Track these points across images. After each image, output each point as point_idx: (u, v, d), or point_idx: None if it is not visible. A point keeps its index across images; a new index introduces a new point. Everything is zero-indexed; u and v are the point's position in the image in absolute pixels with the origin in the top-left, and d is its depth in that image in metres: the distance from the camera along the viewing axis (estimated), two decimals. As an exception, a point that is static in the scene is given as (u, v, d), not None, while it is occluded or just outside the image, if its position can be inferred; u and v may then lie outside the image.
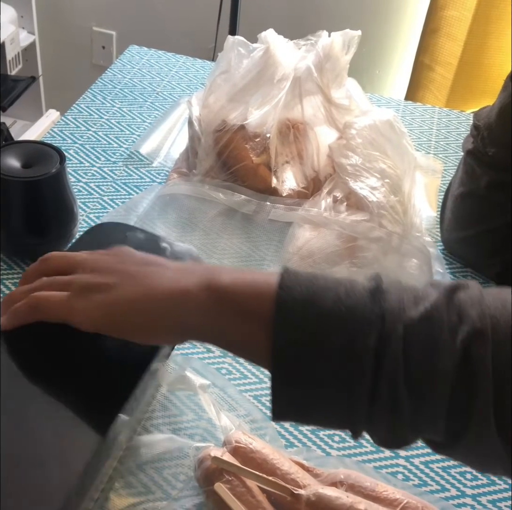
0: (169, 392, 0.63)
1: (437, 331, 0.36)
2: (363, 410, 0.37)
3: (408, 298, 0.38)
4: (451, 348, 0.36)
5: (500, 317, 0.37)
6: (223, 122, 0.85)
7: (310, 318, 0.37)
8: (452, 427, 0.37)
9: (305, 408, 0.39)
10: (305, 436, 0.61)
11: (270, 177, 0.85)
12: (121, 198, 0.87)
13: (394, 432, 0.38)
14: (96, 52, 2.24)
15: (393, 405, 0.36)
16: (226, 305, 0.41)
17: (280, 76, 0.85)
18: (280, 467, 0.53)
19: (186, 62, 1.22)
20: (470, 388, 0.36)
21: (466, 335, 0.36)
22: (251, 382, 0.65)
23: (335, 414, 0.39)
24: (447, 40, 1.77)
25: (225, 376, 0.65)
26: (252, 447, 0.53)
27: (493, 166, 0.71)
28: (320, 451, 0.60)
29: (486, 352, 0.35)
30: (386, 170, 0.83)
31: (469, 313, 0.37)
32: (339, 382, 0.37)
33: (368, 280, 0.39)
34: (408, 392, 0.36)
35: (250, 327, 0.40)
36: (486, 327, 0.36)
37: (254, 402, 0.63)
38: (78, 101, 1.06)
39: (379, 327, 0.36)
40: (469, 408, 0.36)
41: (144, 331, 0.45)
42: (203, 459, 0.53)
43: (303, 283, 0.39)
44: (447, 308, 0.37)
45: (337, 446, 0.61)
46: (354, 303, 0.37)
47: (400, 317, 0.37)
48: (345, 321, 0.37)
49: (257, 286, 0.40)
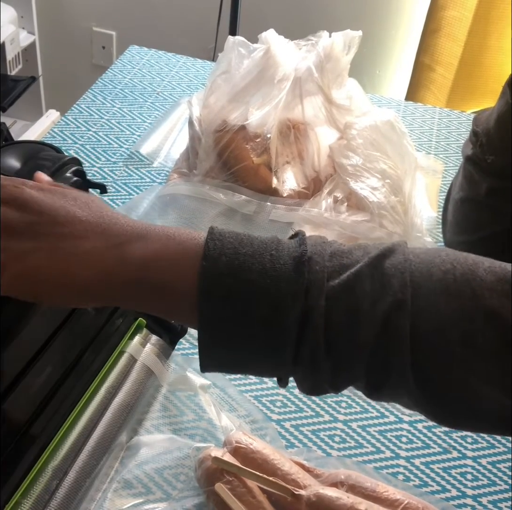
0: (170, 392, 0.63)
1: (359, 302, 0.37)
2: (287, 369, 0.39)
3: (334, 265, 0.39)
4: (372, 318, 0.37)
5: (424, 283, 0.38)
6: (223, 122, 0.85)
7: (234, 292, 0.38)
8: (371, 384, 0.39)
9: (232, 366, 0.41)
10: (305, 437, 0.61)
11: (271, 177, 0.85)
12: (121, 198, 0.87)
13: (315, 387, 0.40)
14: (96, 52, 2.24)
15: (313, 368, 0.38)
16: (145, 283, 0.40)
17: (281, 76, 0.85)
18: (280, 467, 0.53)
19: (187, 62, 1.22)
20: (387, 352, 0.37)
21: (387, 306, 0.37)
22: (251, 382, 0.65)
23: (260, 371, 0.41)
24: (447, 40, 1.77)
25: (225, 376, 0.65)
26: (252, 447, 0.53)
27: (492, 173, 0.71)
28: (321, 452, 0.60)
29: (405, 322, 0.37)
30: (387, 170, 0.82)
31: (391, 283, 0.38)
32: (263, 351, 0.39)
33: (294, 244, 0.40)
34: (328, 359, 0.38)
35: (173, 303, 0.40)
36: (406, 297, 0.37)
37: (255, 403, 0.63)
38: (78, 101, 1.06)
39: (302, 301, 0.37)
40: (386, 370, 0.38)
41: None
42: (203, 460, 0.53)
43: (228, 253, 0.39)
44: (371, 278, 0.38)
45: (337, 447, 0.61)
46: (278, 274, 0.38)
47: (323, 288, 0.38)
48: (270, 295, 0.38)
49: (180, 259, 0.40)
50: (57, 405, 0.53)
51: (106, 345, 0.59)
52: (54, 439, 0.52)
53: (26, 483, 0.49)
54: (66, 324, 0.57)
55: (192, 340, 0.69)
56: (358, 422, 0.63)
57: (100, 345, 0.59)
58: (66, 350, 0.56)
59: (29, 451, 0.50)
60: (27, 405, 0.51)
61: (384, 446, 0.61)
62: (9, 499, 0.48)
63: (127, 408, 0.58)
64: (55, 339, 0.56)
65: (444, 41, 1.78)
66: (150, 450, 0.58)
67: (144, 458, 0.57)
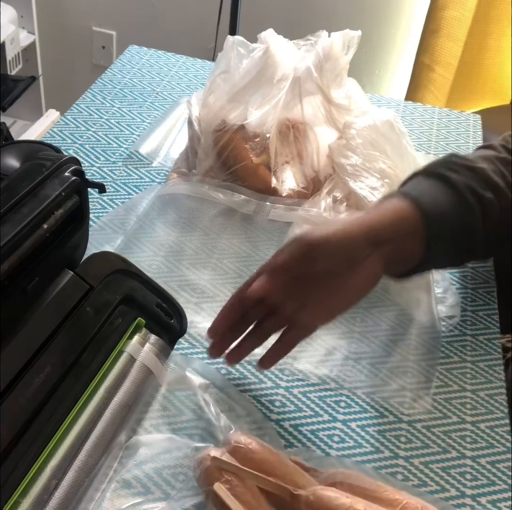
0: (169, 392, 0.63)
1: None
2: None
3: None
4: None
5: None
6: (222, 122, 0.85)
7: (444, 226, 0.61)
8: None
9: None
10: (304, 436, 0.61)
11: (270, 177, 0.85)
12: (120, 198, 0.87)
13: None
14: (96, 52, 2.24)
15: None
16: None
17: (280, 76, 0.85)
18: (279, 467, 0.53)
19: (186, 62, 1.22)
20: None
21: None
22: (250, 382, 0.65)
23: None
24: (447, 40, 1.77)
25: (225, 376, 0.65)
26: (251, 447, 0.53)
27: None
28: (320, 452, 0.60)
29: None
30: (386, 170, 0.83)
31: None
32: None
33: None
34: None
35: None
36: None
37: (254, 403, 0.63)
38: (78, 101, 1.06)
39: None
40: None
41: None
42: (202, 459, 0.53)
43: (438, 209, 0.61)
44: None
45: (336, 447, 0.61)
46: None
47: None
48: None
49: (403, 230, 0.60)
50: (56, 405, 0.53)
51: (105, 345, 0.59)
52: (53, 439, 0.52)
53: (25, 482, 0.49)
54: (65, 324, 0.57)
55: (191, 340, 0.69)
56: (357, 422, 0.63)
57: (99, 345, 0.59)
58: (65, 350, 0.56)
59: (28, 450, 0.50)
60: (26, 404, 0.51)
61: (383, 446, 0.61)
62: (8, 499, 0.48)
63: (126, 408, 0.58)
64: (54, 339, 0.56)
65: (444, 41, 1.78)
66: (149, 450, 0.58)
67: (143, 458, 0.57)
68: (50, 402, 0.53)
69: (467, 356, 0.71)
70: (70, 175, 0.57)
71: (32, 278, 0.55)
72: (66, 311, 0.58)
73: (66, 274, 0.60)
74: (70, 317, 0.58)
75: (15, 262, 0.50)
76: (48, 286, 0.58)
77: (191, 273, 0.76)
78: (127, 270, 0.64)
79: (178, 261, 0.78)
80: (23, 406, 0.51)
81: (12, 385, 0.51)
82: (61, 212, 0.56)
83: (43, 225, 0.53)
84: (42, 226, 0.53)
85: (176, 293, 0.73)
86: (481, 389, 0.68)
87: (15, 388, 0.51)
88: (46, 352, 0.54)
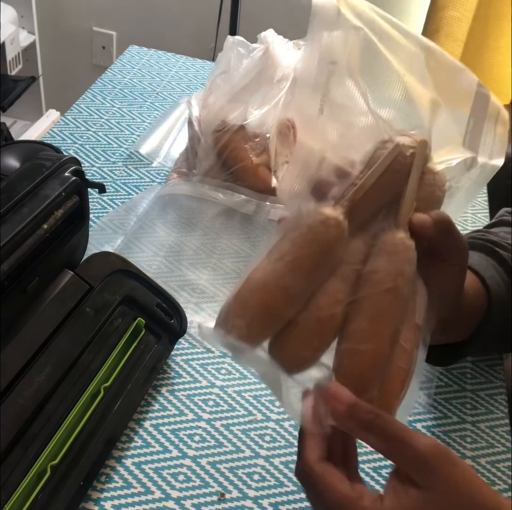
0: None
1: None
2: None
3: None
4: None
5: None
6: (222, 122, 0.85)
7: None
8: None
9: None
10: (304, 436, 0.61)
11: (270, 177, 0.85)
12: (120, 198, 0.87)
13: None
14: (96, 52, 2.24)
15: None
16: None
17: (280, 76, 0.85)
18: None
19: (186, 62, 1.22)
20: None
21: None
22: (250, 382, 0.65)
23: None
24: (447, 40, 1.77)
25: (225, 376, 0.65)
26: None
27: None
28: (320, 451, 0.60)
29: None
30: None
31: None
32: None
33: None
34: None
35: None
36: None
37: (254, 402, 0.63)
38: (78, 101, 1.06)
39: None
40: None
41: None
42: None
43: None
44: None
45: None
46: None
47: None
48: None
49: None
50: (56, 405, 0.54)
51: (105, 345, 0.59)
52: (53, 439, 0.52)
53: (24, 482, 0.49)
54: (65, 324, 0.57)
55: (191, 339, 0.69)
56: (357, 422, 0.63)
57: (99, 345, 0.59)
58: (65, 350, 0.56)
59: (28, 450, 0.50)
60: (26, 404, 0.51)
61: (383, 446, 0.61)
62: (8, 499, 0.48)
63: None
64: (54, 339, 0.56)
65: (444, 41, 1.78)
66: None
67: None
68: (50, 402, 0.53)
69: (467, 356, 0.72)
70: (70, 175, 0.57)
71: (32, 278, 0.55)
72: (66, 311, 0.58)
73: (66, 274, 0.60)
74: (70, 317, 0.58)
75: (15, 262, 0.50)
76: (48, 286, 0.58)
77: (191, 273, 0.76)
78: (127, 270, 0.64)
79: (178, 261, 0.78)
80: (23, 406, 0.51)
81: (12, 385, 0.51)
82: (61, 212, 0.56)
83: (43, 225, 0.53)
84: (42, 226, 0.53)
85: (176, 293, 0.73)
86: (481, 389, 0.68)
87: (15, 388, 0.51)
88: (46, 352, 0.55)
